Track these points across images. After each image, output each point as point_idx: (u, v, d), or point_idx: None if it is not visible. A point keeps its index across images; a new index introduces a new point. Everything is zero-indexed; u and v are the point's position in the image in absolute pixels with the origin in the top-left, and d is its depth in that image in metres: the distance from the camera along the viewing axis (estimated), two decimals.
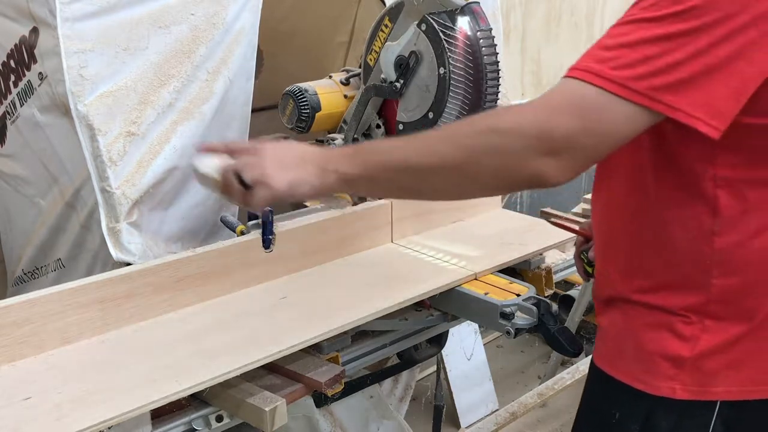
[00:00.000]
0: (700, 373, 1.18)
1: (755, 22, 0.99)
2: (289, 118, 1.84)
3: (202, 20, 1.70)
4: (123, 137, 1.63)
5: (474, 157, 1.07)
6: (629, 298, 1.24)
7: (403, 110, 1.70)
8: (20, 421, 1.17)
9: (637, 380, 1.22)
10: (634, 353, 1.23)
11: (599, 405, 1.32)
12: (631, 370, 1.23)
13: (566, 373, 3.01)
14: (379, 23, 1.74)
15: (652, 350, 1.21)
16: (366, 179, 1.16)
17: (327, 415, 2.32)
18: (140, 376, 1.29)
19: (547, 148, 1.03)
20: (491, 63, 1.60)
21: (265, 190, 1.17)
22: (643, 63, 1.00)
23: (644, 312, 1.22)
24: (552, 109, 1.04)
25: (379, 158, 1.15)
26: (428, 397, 3.31)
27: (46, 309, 1.37)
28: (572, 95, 1.04)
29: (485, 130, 1.07)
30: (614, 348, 1.28)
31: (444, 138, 1.12)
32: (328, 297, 1.61)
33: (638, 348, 1.23)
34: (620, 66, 1.01)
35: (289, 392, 1.40)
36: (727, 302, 1.16)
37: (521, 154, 1.04)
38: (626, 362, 1.24)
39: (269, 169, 1.17)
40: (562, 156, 1.03)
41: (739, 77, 1.01)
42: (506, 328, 1.57)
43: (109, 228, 1.65)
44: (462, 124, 1.13)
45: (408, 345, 1.80)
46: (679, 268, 1.17)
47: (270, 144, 1.22)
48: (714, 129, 1.01)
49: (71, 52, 1.56)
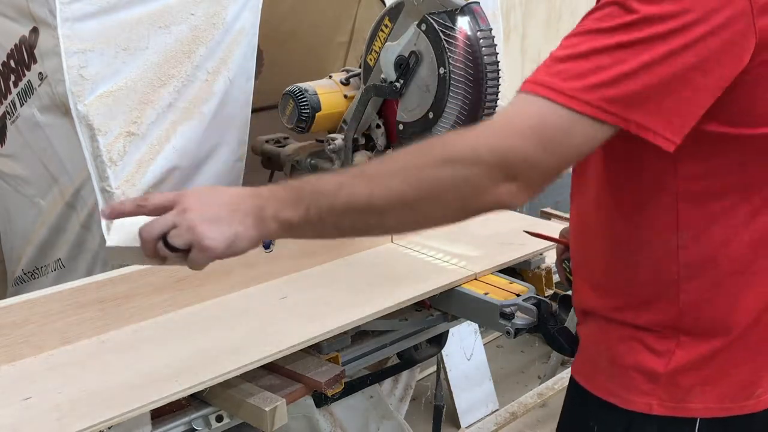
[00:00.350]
0: (676, 389, 1.16)
1: (714, 33, 0.95)
2: (289, 118, 1.84)
3: (202, 20, 1.70)
4: (123, 137, 1.63)
5: (431, 191, 1.00)
6: (603, 314, 1.22)
7: (403, 110, 1.70)
8: (20, 421, 1.17)
9: (612, 395, 1.20)
10: (609, 368, 1.21)
11: (578, 418, 1.31)
12: (607, 384, 1.21)
13: (566, 373, 3.01)
14: (379, 23, 1.73)
15: (626, 365, 1.19)
16: (312, 224, 1.03)
17: (327, 415, 2.32)
18: (140, 376, 1.29)
19: (506, 173, 0.97)
20: (491, 63, 1.60)
21: (201, 254, 1.03)
22: (595, 73, 0.96)
23: (618, 327, 1.20)
24: (506, 131, 0.99)
25: (325, 200, 1.02)
26: (428, 397, 3.31)
27: (46, 309, 1.37)
28: (524, 113, 0.99)
29: (439, 161, 0.99)
30: (590, 362, 1.26)
31: (395, 172, 1.01)
32: (328, 297, 1.61)
33: (613, 362, 1.21)
34: (571, 77, 0.97)
35: (289, 392, 1.40)
36: (698, 317, 1.14)
37: (480, 183, 0.98)
38: (602, 377, 1.23)
39: (199, 227, 1.02)
40: (521, 178, 0.98)
41: (693, 89, 0.97)
42: (506, 328, 1.57)
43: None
44: (413, 154, 1.02)
45: (408, 345, 1.79)
46: (649, 285, 1.15)
47: (191, 195, 1.06)
48: (668, 141, 0.97)
49: (71, 52, 1.56)
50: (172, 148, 1.71)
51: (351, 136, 1.81)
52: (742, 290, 1.13)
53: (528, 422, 3.22)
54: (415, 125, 1.69)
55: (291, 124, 1.84)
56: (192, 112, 1.73)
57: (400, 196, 1.00)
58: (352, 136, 1.81)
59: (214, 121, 1.77)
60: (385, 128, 1.80)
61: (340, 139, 1.82)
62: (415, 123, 1.68)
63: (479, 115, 1.62)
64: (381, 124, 1.80)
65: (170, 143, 1.70)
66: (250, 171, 1.95)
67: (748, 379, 1.17)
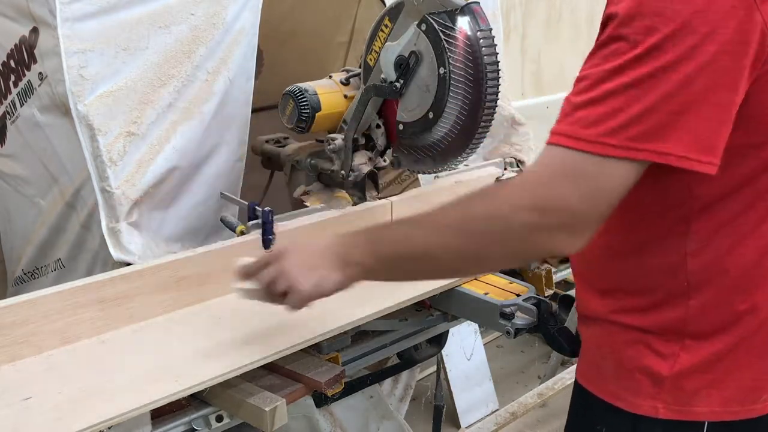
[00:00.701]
0: (681, 392, 1.16)
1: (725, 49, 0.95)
2: (289, 118, 1.83)
3: (202, 20, 1.70)
4: (123, 137, 1.63)
5: (484, 245, 1.08)
6: (607, 317, 1.23)
7: (403, 110, 1.70)
8: (20, 421, 1.17)
9: (618, 398, 1.21)
10: (614, 371, 1.22)
11: (584, 422, 1.31)
12: (612, 388, 1.22)
13: (566, 373, 3.01)
14: (379, 23, 1.73)
15: (632, 368, 1.19)
16: (384, 269, 1.20)
17: (327, 415, 2.32)
18: (140, 376, 1.29)
19: (551, 223, 1.01)
20: (491, 63, 1.59)
21: (296, 295, 1.24)
22: (614, 116, 0.97)
23: (623, 331, 1.21)
24: (541, 185, 1.03)
25: (392, 249, 1.17)
26: (428, 397, 3.31)
27: (46, 309, 1.37)
28: (555, 164, 1.02)
29: (484, 217, 1.07)
30: (595, 366, 1.26)
31: (448, 227, 1.11)
32: (328, 297, 1.61)
33: (618, 366, 1.21)
34: (591, 123, 0.99)
35: (289, 392, 1.40)
36: (704, 321, 1.15)
37: (527, 236, 1.04)
38: (607, 380, 1.23)
39: (294, 272, 1.23)
40: (567, 226, 1.02)
41: (718, 106, 0.97)
42: (506, 328, 1.57)
43: (109, 228, 1.64)
44: (462, 208, 1.11)
45: (408, 345, 1.80)
46: (657, 290, 1.16)
47: (292, 245, 1.29)
48: (709, 165, 0.98)
49: (71, 52, 1.56)
50: (172, 148, 1.71)
51: (351, 136, 1.81)
52: (748, 295, 1.13)
53: (528, 422, 3.22)
54: (415, 125, 1.69)
55: (291, 124, 1.83)
56: (192, 112, 1.73)
57: (459, 250, 1.10)
58: (352, 136, 1.81)
59: (214, 121, 1.77)
60: (385, 128, 1.80)
61: (340, 139, 1.81)
62: (415, 123, 1.68)
63: (479, 115, 1.62)
64: (381, 124, 1.80)
65: (170, 143, 1.70)
66: (250, 171, 1.95)
67: (754, 383, 1.17)
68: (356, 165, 1.82)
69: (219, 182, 1.83)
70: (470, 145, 1.67)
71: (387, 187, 2.53)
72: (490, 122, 1.65)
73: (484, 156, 2.34)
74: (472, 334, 3.39)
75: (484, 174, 2.14)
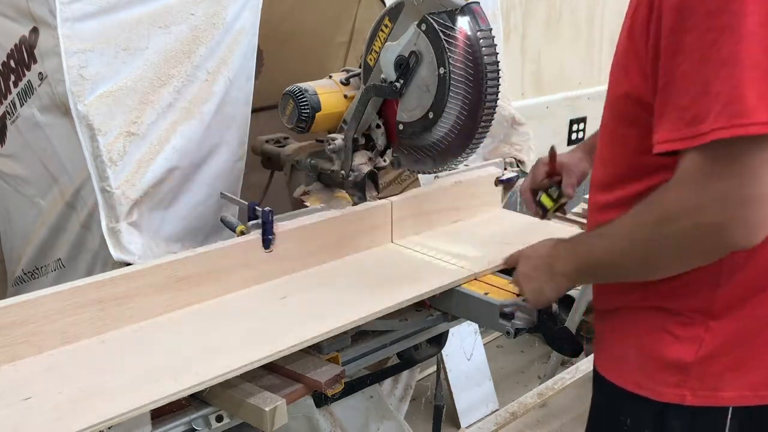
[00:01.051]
0: (707, 377, 1.17)
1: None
2: (289, 118, 1.83)
3: (202, 20, 1.70)
4: (123, 137, 1.63)
5: (659, 250, 1.13)
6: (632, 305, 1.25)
7: (403, 110, 1.70)
8: (20, 421, 1.17)
9: (643, 388, 1.22)
10: (638, 360, 1.23)
11: (608, 413, 1.32)
12: (636, 378, 1.23)
13: (566, 373, 3.01)
14: (379, 23, 1.73)
15: (656, 356, 1.21)
16: (584, 277, 1.38)
17: (327, 415, 2.32)
18: (140, 376, 1.29)
19: (731, 218, 1.02)
20: (491, 63, 1.59)
21: (527, 303, 1.45)
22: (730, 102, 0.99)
23: (647, 318, 1.23)
24: (700, 183, 1.04)
25: (583, 260, 1.28)
26: (428, 397, 3.31)
27: (46, 309, 1.37)
28: (702, 164, 1.03)
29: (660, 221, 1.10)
30: (618, 357, 1.28)
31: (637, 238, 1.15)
32: (328, 297, 1.61)
33: (642, 355, 1.23)
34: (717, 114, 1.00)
35: (289, 392, 1.40)
36: (732, 305, 1.16)
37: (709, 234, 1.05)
38: (630, 369, 1.24)
39: (522, 283, 1.42)
40: (741, 215, 1.02)
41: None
42: (506, 328, 1.57)
43: (109, 228, 1.64)
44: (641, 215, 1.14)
45: (408, 345, 1.80)
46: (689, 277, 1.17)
47: (522, 252, 1.46)
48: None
49: (71, 52, 1.56)
50: (172, 148, 1.71)
51: (351, 136, 1.81)
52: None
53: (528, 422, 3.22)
54: (415, 125, 1.69)
55: (291, 124, 1.83)
56: (192, 112, 1.73)
57: (650, 259, 1.16)
58: (352, 136, 1.81)
59: (214, 121, 1.77)
60: (385, 128, 1.80)
61: (340, 139, 1.81)
62: (415, 123, 1.68)
63: (479, 115, 1.62)
64: (381, 124, 1.80)
65: (170, 143, 1.70)
66: (250, 171, 1.95)
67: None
68: (356, 165, 1.82)
69: (219, 182, 1.83)
70: (470, 145, 1.67)
71: (387, 187, 2.53)
72: (490, 122, 1.65)
73: (484, 156, 2.34)
74: (472, 334, 3.40)
75: (484, 174, 2.15)
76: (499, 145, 2.37)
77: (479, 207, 2.11)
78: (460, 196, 2.06)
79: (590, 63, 4.50)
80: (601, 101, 1.37)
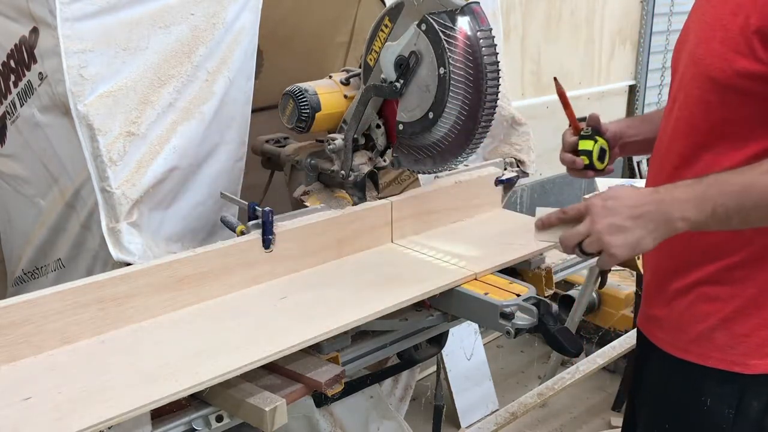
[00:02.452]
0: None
1: None
2: (289, 118, 1.83)
3: (202, 20, 1.70)
4: (123, 137, 1.63)
5: None
6: (710, 281, 1.32)
7: (403, 110, 1.70)
8: (20, 421, 1.17)
9: (732, 363, 1.28)
10: (723, 338, 1.29)
11: (684, 395, 1.37)
12: (721, 355, 1.29)
13: (566, 373, 3.01)
14: (379, 23, 1.73)
15: (741, 333, 1.27)
16: (719, 221, 1.21)
17: (327, 415, 2.32)
18: (140, 376, 1.29)
19: None
20: (491, 63, 1.59)
21: (610, 258, 1.27)
22: None
23: (729, 292, 1.29)
24: None
25: (732, 201, 1.19)
26: (428, 397, 3.31)
27: (46, 309, 1.37)
28: None
29: None
30: (695, 335, 1.33)
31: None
32: (328, 297, 1.61)
33: (728, 332, 1.29)
34: None
35: (289, 392, 1.40)
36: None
37: None
38: (713, 347, 1.30)
39: (606, 237, 1.25)
40: None
41: None
42: (506, 328, 1.57)
43: (109, 228, 1.64)
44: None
45: (408, 345, 1.80)
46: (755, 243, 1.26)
47: (598, 203, 1.27)
48: None
49: (71, 52, 1.56)
50: (172, 148, 1.71)
51: (351, 136, 1.81)
52: None
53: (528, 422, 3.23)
54: (415, 125, 1.69)
55: (291, 124, 1.83)
56: (192, 112, 1.73)
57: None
58: (352, 136, 1.81)
59: (214, 121, 1.77)
60: (385, 128, 1.80)
61: (340, 139, 1.81)
62: (415, 123, 1.68)
63: (479, 115, 1.62)
64: (381, 124, 1.80)
65: (170, 143, 1.70)
66: (250, 171, 1.95)
67: None
68: (356, 165, 1.82)
69: (219, 182, 1.83)
70: (470, 145, 1.67)
71: (387, 187, 2.53)
72: (490, 122, 1.65)
73: (484, 156, 2.34)
74: (472, 334, 3.40)
75: (484, 174, 2.15)
76: (499, 145, 2.37)
77: (479, 207, 2.11)
78: (460, 196, 2.06)
79: (590, 63, 4.50)
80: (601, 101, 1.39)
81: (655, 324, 1.47)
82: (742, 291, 1.30)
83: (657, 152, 1.48)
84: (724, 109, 1.27)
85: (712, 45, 1.27)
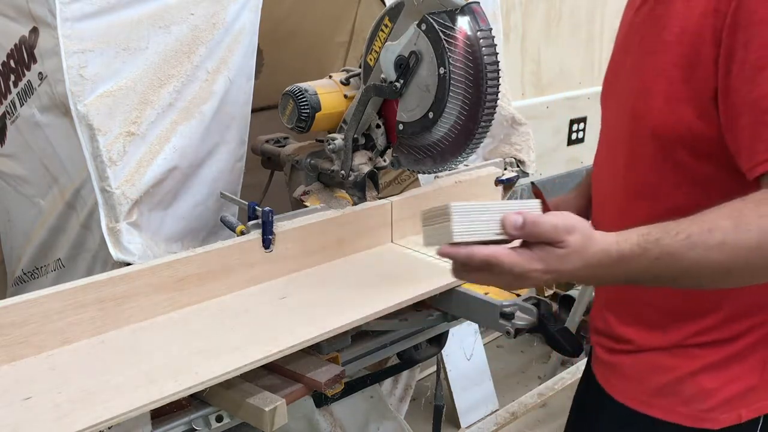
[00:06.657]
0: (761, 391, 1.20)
1: None
2: (289, 118, 1.83)
3: (202, 20, 1.70)
4: (123, 137, 1.63)
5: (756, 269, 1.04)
6: (676, 345, 1.25)
7: (403, 110, 1.70)
8: (20, 421, 1.17)
9: (700, 419, 1.22)
10: (690, 390, 1.23)
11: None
12: (687, 410, 1.23)
13: (566, 373, 3.01)
14: (379, 23, 1.73)
15: (711, 387, 1.21)
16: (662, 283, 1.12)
17: (327, 415, 2.32)
18: (140, 376, 1.29)
19: None
20: (491, 63, 1.59)
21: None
22: None
23: (696, 353, 1.23)
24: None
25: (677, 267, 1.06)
26: (428, 397, 3.31)
27: (46, 309, 1.37)
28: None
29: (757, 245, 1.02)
30: (659, 386, 1.26)
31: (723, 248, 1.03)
32: (328, 297, 1.61)
33: (696, 385, 1.23)
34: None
35: (289, 392, 1.40)
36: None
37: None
38: (678, 401, 1.24)
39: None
40: None
41: None
42: (506, 328, 1.57)
43: (109, 228, 1.64)
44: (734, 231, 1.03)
45: (408, 345, 1.80)
46: (722, 307, 1.19)
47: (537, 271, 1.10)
48: None
49: (71, 52, 1.56)
50: (172, 148, 1.71)
51: (351, 136, 1.81)
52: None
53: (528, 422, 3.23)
54: (415, 125, 1.69)
55: (291, 124, 1.83)
56: (192, 112, 1.73)
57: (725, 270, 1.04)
58: (352, 136, 1.81)
59: (214, 121, 1.77)
60: (385, 128, 1.80)
61: (340, 139, 1.81)
62: (415, 123, 1.68)
63: (479, 115, 1.62)
64: (381, 124, 1.80)
65: (170, 143, 1.70)
66: (250, 171, 1.95)
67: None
68: (356, 165, 1.82)
69: (219, 182, 1.83)
70: (470, 145, 1.67)
71: (387, 187, 2.53)
72: (490, 122, 1.65)
73: (484, 156, 2.34)
74: (472, 334, 3.40)
75: (484, 174, 2.15)
76: (499, 145, 2.37)
77: None
78: (460, 196, 2.06)
79: (590, 63, 4.50)
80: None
81: (613, 371, 1.36)
82: (713, 352, 1.23)
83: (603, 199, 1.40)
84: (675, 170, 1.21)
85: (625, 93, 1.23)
